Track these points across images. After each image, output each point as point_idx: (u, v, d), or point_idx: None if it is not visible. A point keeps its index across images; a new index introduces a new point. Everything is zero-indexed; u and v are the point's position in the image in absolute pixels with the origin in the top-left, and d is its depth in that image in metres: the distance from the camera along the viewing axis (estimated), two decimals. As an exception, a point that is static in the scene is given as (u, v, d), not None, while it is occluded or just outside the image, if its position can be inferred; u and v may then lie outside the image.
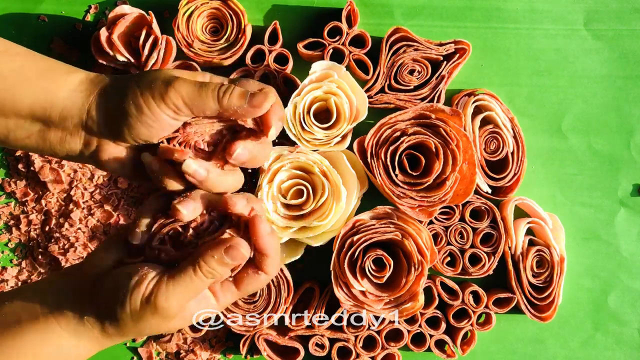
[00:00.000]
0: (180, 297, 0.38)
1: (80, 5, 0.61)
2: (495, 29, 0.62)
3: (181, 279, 0.38)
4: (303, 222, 0.55)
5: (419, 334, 0.61)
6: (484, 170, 0.59)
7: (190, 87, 0.39)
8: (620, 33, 0.62)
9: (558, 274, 0.59)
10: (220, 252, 0.38)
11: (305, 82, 0.56)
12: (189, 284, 0.38)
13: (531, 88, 0.62)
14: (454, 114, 0.56)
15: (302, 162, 0.56)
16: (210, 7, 0.59)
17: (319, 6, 0.62)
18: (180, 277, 0.38)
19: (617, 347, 0.63)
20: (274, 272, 0.41)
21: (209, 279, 0.38)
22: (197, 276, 0.38)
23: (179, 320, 0.40)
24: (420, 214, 0.56)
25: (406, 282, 0.56)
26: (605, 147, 0.63)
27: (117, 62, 0.58)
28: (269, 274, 0.41)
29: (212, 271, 0.38)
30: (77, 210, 0.60)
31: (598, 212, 0.63)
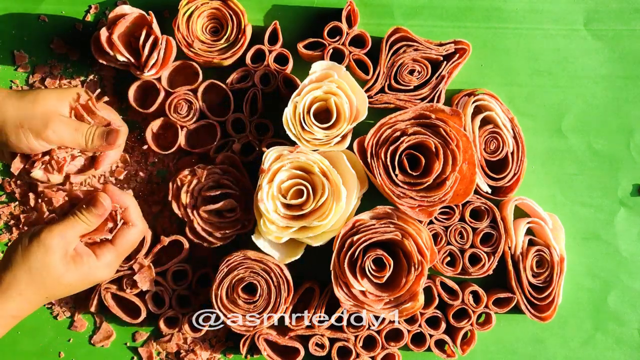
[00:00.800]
0: (60, 231, 0.50)
1: (80, 5, 0.61)
2: (495, 29, 0.62)
3: (62, 222, 0.51)
4: (303, 222, 0.55)
5: (419, 334, 0.61)
6: (484, 170, 0.59)
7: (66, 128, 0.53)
8: (620, 33, 0.62)
9: (558, 274, 0.59)
10: (87, 202, 0.52)
11: (305, 82, 0.57)
12: (67, 223, 0.50)
13: (531, 88, 0.62)
14: (454, 114, 0.56)
15: (302, 162, 0.56)
16: (210, 7, 0.59)
17: (319, 6, 0.62)
18: (62, 222, 0.51)
19: (617, 346, 0.63)
20: (140, 224, 0.54)
21: (82, 223, 0.51)
22: (73, 218, 0.51)
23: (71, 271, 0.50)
24: (420, 214, 0.56)
25: (406, 282, 0.56)
26: (605, 147, 0.63)
27: (117, 62, 0.58)
28: (136, 225, 0.54)
29: (81, 216, 0.51)
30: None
31: (598, 212, 0.63)
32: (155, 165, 0.62)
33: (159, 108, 0.59)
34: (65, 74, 0.61)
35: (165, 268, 0.59)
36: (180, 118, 0.59)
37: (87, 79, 0.61)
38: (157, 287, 0.60)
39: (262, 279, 0.57)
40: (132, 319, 0.60)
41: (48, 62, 0.61)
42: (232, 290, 0.57)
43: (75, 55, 0.62)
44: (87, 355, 0.62)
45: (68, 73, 0.61)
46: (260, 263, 0.57)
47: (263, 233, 0.56)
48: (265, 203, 0.55)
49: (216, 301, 0.57)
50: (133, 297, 0.59)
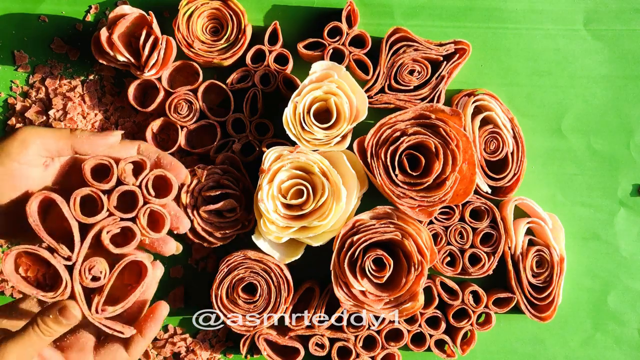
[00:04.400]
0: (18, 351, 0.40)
1: (80, 5, 0.62)
2: (495, 29, 0.62)
3: (21, 338, 0.40)
4: (303, 222, 0.55)
5: (418, 334, 0.61)
6: (484, 170, 0.59)
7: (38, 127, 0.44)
8: (620, 33, 0.62)
9: (558, 274, 0.59)
10: (55, 312, 0.41)
11: (305, 82, 0.57)
12: (27, 341, 0.40)
13: (531, 88, 0.62)
14: (454, 114, 0.56)
15: (302, 162, 0.56)
16: (210, 7, 0.59)
17: (319, 6, 0.62)
18: (20, 336, 0.40)
19: (617, 346, 0.63)
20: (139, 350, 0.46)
21: (46, 336, 0.41)
22: (35, 333, 0.41)
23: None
24: (420, 214, 0.56)
25: (406, 282, 0.56)
26: (605, 147, 0.63)
27: (118, 62, 0.58)
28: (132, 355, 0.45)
29: (48, 329, 0.41)
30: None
31: (598, 212, 0.63)
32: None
33: (158, 107, 0.59)
34: (65, 74, 0.61)
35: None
36: (181, 118, 0.59)
37: (87, 79, 0.61)
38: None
39: (262, 279, 0.57)
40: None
41: (48, 62, 0.61)
42: (232, 290, 0.57)
43: (75, 55, 0.62)
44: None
45: (68, 73, 0.61)
46: (260, 263, 0.57)
47: (263, 233, 0.56)
48: (265, 203, 0.55)
49: (216, 301, 0.57)
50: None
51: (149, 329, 0.45)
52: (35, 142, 0.43)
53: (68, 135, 0.44)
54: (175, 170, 0.49)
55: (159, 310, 0.46)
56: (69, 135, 0.45)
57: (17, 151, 0.42)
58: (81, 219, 0.44)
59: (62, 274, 0.43)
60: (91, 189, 0.44)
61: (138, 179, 0.46)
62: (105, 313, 0.43)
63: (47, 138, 0.44)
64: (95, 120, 0.61)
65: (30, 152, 0.43)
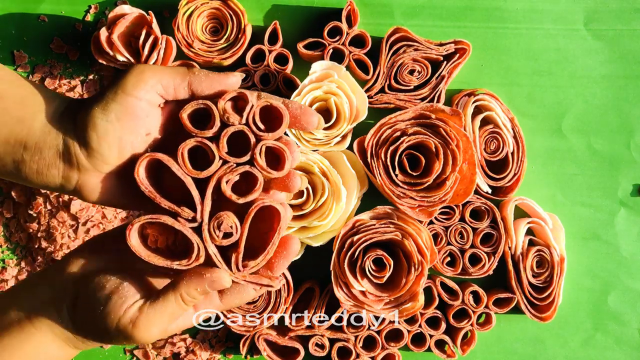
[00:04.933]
0: (160, 324, 0.38)
1: (80, 5, 0.61)
2: (495, 29, 0.62)
3: (162, 307, 0.38)
4: (303, 222, 0.55)
5: (419, 334, 0.61)
6: (484, 170, 0.59)
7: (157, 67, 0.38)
8: (620, 33, 0.62)
9: (558, 274, 0.59)
10: (203, 285, 0.38)
11: (305, 82, 0.56)
12: (169, 310, 0.38)
13: (531, 88, 0.62)
14: (454, 114, 0.56)
15: (302, 162, 0.56)
16: (210, 7, 0.59)
17: (319, 6, 0.62)
18: (162, 305, 0.38)
19: (617, 347, 0.63)
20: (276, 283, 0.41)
21: (189, 306, 0.38)
22: (178, 304, 0.38)
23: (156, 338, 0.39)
24: (420, 214, 0.56)
25: (406, 282, 0.56)
26: (605, 147, 0.63)
27: (117, 62, 0.58)
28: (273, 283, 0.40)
29: (192, 300, 0.38)
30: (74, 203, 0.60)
31: (598, 212, 0.63)
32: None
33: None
34: (64, 73, 0.61)
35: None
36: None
37: (87, 78, 0.61)
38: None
39: (262, 279, 0.56)
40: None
41: (48, 62, 0.61)
42: (232, 291, 0.56)
43: (75, 55, 0.61)
44: (86, 356, 0.62)
45: (68, 73, 0.61)
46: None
47: (263, 233, 0.56)
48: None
49: (216, 301, 0.57)
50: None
51: (280, 266, 0.40)
52: (153, 76, 0.38)
53: (186, 73, 0.39)
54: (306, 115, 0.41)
55: (291, 244, 0.40)
56: (186, 72, 0.39)
57: (133, 85, 0.37)
58: (194, 174, 0.38)
59: (191, 237, 0.38)
60: (196, 139, 0.39)
61: (243, 116, 0.39)
62: (248, 269, 0.39)
63: (164, 74, 0.38)
64: (95, 120, 0.61)
65: (147, 86, 0.38)
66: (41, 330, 0.39)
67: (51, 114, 0.39)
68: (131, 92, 0.37)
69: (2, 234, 0.62)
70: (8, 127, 0.38)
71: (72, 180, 0.39)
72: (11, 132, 0.38)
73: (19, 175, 0.39)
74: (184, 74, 0.39)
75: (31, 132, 0.38)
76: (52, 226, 0.60)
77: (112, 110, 0.37)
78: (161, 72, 0.38)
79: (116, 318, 0.37)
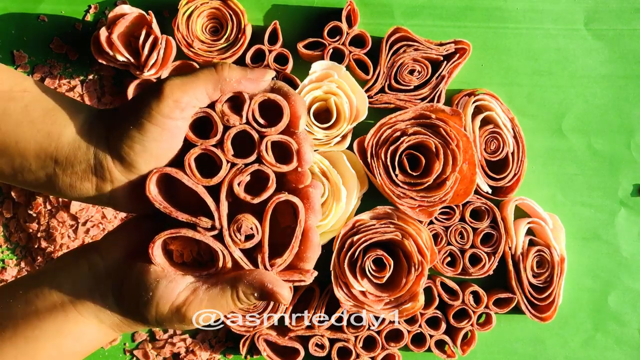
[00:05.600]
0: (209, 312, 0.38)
1: (80, 5, 0.61)
2: (495, 29, 0.62)
3: (216, 299, 0.38)
4: (303, 222, 0.55)
5: (419, 334, 0.61)
6: (484, 170, 0.59)
7: (181, 77, 0.38)
8: (620, 33, 0.62)
9: (558, 274, 0.59)
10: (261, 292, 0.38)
11: (305, 82, 0.56)
12: (220, 304, 0.38)
13: (531, 88, 0.62)
14: (454, 114, 0.56)
15: (302, 162, 0.55)
16: (210, 6, 0.59)
17: (319, 6, 0.62)
18: (216, 297, 0.38)
19: (618, 347, 0.63)
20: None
21: (237, 306, 0.38)
22: (231, 301, 0.38)
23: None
24: (420, 214, 0.56)
25: (406, 282, 0.56)
26: (606, 147, 0.63)
27: (117, 62, 0.58)
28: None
29: (245, 301, 0.38)
30: (74, 203, 0.60)
31: (598, 212, 0.63)
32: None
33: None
34: (64, 73, 0.61)
35: None
36: (180, 118, 0.59)
37: (87, 78, 0.61)
38: None
39: (262, 279, 0.56)
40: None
41: (47, 61, 0.61)
42: (232, 291, 0.56)
43: (75, 55, 0.61)
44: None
45: (67, 73, 0.61)
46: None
47: (263, 233, 0.56)
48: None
49: (216, 301, 0.57)
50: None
51: (309, 259, 0.41)
52: (189, 94, 0.37)
53: (217, 80, 0.38)
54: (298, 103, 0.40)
55: (311, 236, 0.40)
56: (217, 79, 0.38)
57: (170, 109, 0.37)
58: (204, 182, 0.38)
59: (214, 245, 0.38)
60: (200, 147, 0.39)
61: (242, 115, 0.39)
62: (276, 267, 0.39)
63: (197, 89, 0.38)
64: (95, 120, 0.61)
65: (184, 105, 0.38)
66: (85, 316, 0.39)
67: (79, 128, 0.39)
68: (168, 115, 0.37)
69: (2, 234, 0.62)
70: (37, 141, 0.38)
71: (106, 192, 0.39)
72: (41, 147, 0.38)
73: (54, 189, 0.40)
74: (215, 82, 0.38)
75: (60, 147, 0.38)
76: (51, 226, 0.60)
77: (150, 131, 0.37)
78: (194, 88, 0.37)
79: (169, 301, 0.38)
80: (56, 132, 0.38)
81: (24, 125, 0.38)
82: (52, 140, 0.38)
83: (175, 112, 0.37)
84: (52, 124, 0.39)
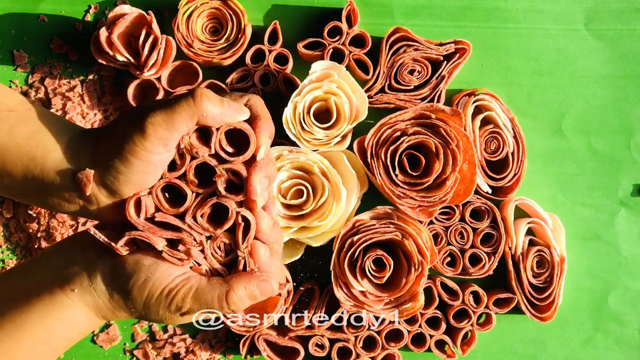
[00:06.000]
0: (195, 305, 0.40)
1: (80, 5, 0.61)
2: (495, 29, 0.62)
3: (205, 291, 0.40)
4: (303, 222, 0.55)
5: (419, 334, 0.61)
6: (484, 170, 0.59)
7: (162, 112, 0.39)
8: (620, 33, 0.62)
9: (558, 274, 0.59)
10: (252, 285, 0.41)
11: (305, 82, 0.56)
12: (206, 298, 0.40)
13: (531, 88, 0.62)
14: (454, 114, 0.56)
15: (302, 162, 0.55)
16: (210, 7, 0.59)
17: (319, 6, 0.62)
18: (205, 289, 0.40)
19: (618, 347, 0.63)
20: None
21: (222, 305, 0.41)
22: (216, 299, 0.40)
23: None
24: (420, 214, 0.56)
25: (406, 282, 0.56)
26: (606, 147, 0.63)
27: (117, 62, 0.58)
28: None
29: (238, 302, 0.41)
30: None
31: (598, 212, 0.63)
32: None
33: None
34: (64, 73, 0.61)
35: None
36: (180, 118, 0.59)
37: (87, 78, 0.61)
38: None
39: (262, 279, 0.56)
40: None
41: (47, 61, 0.61)
42: (231, 291, 0.56)
43: (75, 55, 0.61)
44: (86, 356, 0.62)
45: (67, 73, 0.61)
46: (260, 263, 0.56)
47: (263, 233, 0.56)
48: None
49: (216, 301, 0.57)
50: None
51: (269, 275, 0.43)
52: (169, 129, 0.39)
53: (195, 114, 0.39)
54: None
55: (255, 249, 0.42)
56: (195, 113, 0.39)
57: (152, 145, 0.39)
58: (172, 212, 0.41)
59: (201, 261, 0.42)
60: (165, 180, 0.41)
61: (211, 146, 0.41)
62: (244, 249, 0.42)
63: (177, 125, 0.39)
64: (95, 120, 0.61)
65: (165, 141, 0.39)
66: (72, 298, 0.40)
67: (64, 151, 0.40)
68: (152, 151, 0.39)
69: (2, 234, 0.62)
70: (23, 163, 0.40)
71: (92, 211, 0.40)
72: (27, 169, 0.40)
73: (43, 205, 0.41)
74: (192, 116, 0.39)
75: (45, 171, 0.39)
76: (52, 226, 0.60)
77: (134, 165, 0.39)
78: (176, 125, 0.39)
79: (163, 283, 0.39)
80: (40, 156, 0.39)
81: (9, 147, 0.39)
82: (36, 164, 0.39)
83: (159, 148, 0.39)
84: (37, 147, 0.40)
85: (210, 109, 0.39)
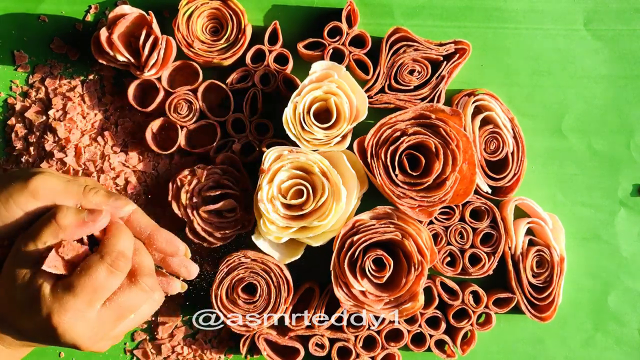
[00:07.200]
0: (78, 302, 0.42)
1: (80, 5, 0.61)
2: (495, 29, 0.62)
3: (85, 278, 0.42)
4: (303, 222, 0.55)
5: (419, 334, 0.61)
6: (484, 170, 0.59)
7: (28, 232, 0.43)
8: (620, 33, 0.62)
9: (558, 274, 0.59)
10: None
11: (305, 82, 0.56)
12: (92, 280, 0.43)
13: (531, 88, 0.62)
14: (454, 114, 0.56)
15: (302, 162, 0.56)
16: (210, 7, 0.59)
17: (319, 6, 0.62)
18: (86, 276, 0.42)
19: (617, 347, 0.63)
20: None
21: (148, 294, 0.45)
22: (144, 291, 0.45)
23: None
24: (420, 214, 0.56)
25: (406, 282, 0.56)
26: (605, 147, 0.63)
27: (117, 62, 0.58)
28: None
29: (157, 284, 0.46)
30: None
31: (598, 212, 0.63)
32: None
33: (158, 107, 0.59)
34: (65, 73, 0.61)
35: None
36: (180, 118, 0.59)
37: (87, 78, 0.61)
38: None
39: (262, 279, 0.57)
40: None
41: (48, 62, 0.61)
42: (231, 291, 0.57)
43: (75, 55, 0.61)
44: (86, 356, 0.62)
45: (68, 73, 0.61)
46: (260, 263, 0.57)
47: (263, 233, 0.56)
48: (265, 203, 0.55)
49: (216, 301, 0.57)
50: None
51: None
52: (46, 195, 0.44)
53: (80, 194, 0.45)
54: (171, 247, 0.49)
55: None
56: (81, 194, 0.45)
57: (25, 201, 0.43)
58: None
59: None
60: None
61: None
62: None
63: (58, 193, 0.44)
64: (95, 120, 0.61)
65: (38, 204, 0.44)
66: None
67: None
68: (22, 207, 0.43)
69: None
70: None
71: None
72: None
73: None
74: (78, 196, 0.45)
75: None
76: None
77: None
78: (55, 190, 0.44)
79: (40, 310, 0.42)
80: None
81: None
82: None
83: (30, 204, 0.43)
84: None
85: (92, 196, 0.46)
